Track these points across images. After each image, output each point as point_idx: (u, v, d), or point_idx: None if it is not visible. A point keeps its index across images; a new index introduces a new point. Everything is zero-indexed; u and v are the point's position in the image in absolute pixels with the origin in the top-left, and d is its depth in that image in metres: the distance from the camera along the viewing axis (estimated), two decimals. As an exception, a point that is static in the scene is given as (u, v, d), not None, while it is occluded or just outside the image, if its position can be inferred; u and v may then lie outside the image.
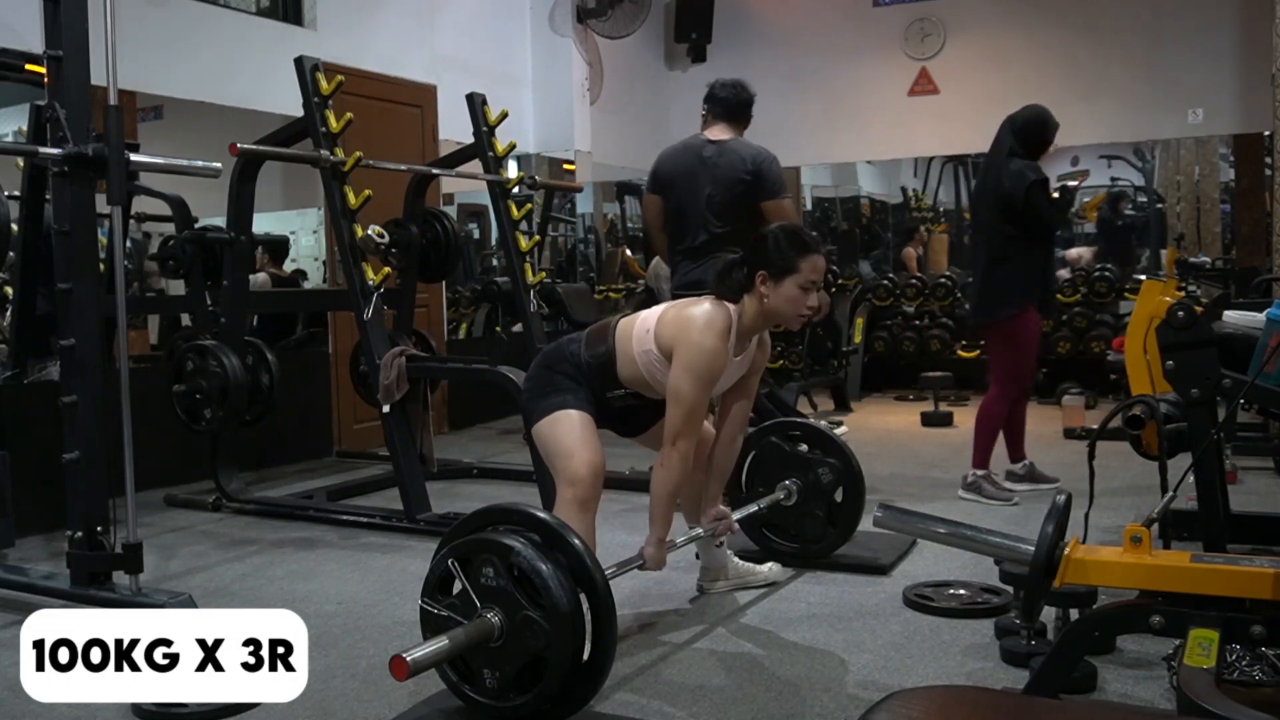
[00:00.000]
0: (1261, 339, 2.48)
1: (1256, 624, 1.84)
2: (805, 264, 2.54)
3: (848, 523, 3.25)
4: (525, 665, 2.02)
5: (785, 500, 3.23)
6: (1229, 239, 7.95)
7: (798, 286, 2.54)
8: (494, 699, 2.06)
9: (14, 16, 4.29)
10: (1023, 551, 2.10)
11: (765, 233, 2.62)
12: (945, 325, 7.70)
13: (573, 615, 1.98)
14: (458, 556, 2.07)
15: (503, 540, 2.04)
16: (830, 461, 3.24)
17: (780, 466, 3.27)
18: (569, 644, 1.98)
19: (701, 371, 2.49)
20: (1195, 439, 2.56)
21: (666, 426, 2.52)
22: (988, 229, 4.24)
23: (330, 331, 5.83)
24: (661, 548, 2.60)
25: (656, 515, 2.58)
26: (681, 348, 2.50)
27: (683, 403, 2.49)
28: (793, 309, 2.56)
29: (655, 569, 2.61)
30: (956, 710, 1.07)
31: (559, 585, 1.98)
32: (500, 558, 2.03)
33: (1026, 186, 4.03)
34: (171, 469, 4.66)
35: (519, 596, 2.00)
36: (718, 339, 2.50)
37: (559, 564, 2.02)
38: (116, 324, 2.90)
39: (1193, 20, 7.23)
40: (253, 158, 4.13)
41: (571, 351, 2.66)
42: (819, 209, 9.74)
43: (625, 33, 7.60)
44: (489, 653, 2.03)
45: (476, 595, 2.03)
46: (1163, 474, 2.37)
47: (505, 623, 2.00)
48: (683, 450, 2.50)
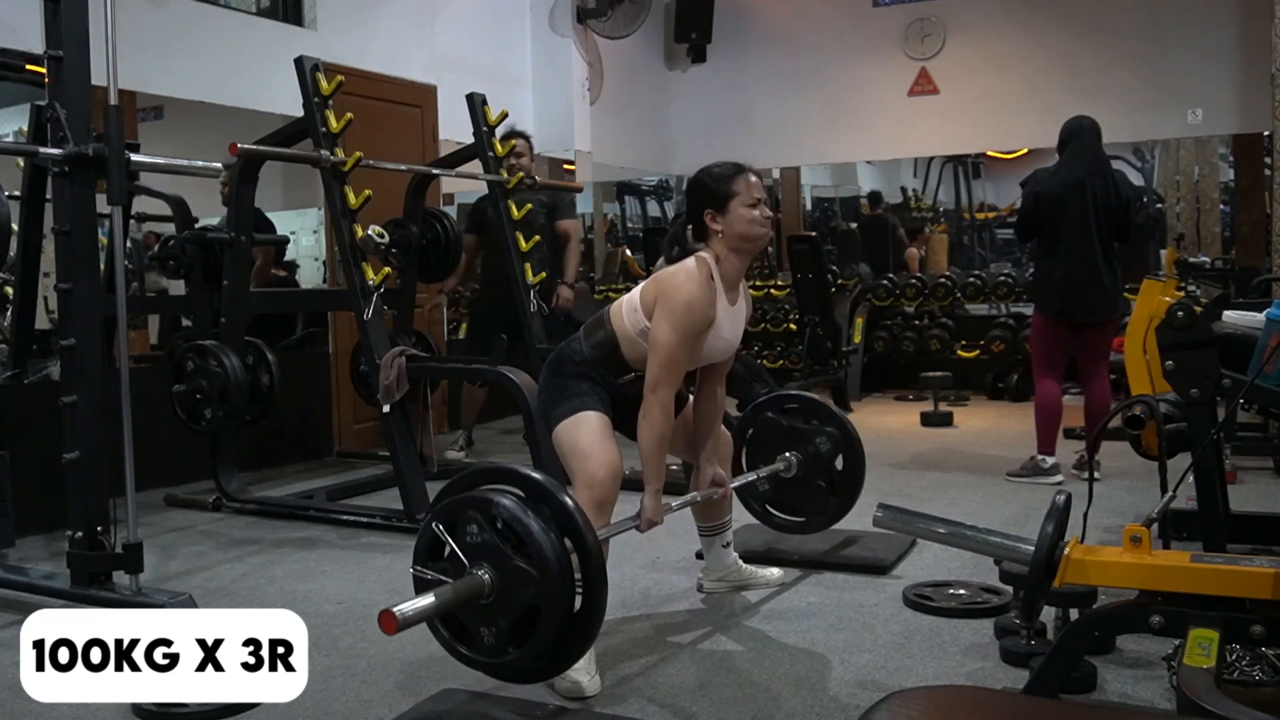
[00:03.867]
0: (1261, 339, 2.48)
1: (1256, 624, 1.84)
2: (739, 184, 2.59)
3: (849, 491, 3.24)
4: (519, 619, 2.00)
5: (785, 472, 3.21)
6: (1229, 239, 7.96)
7: (744, 206, 2.57)
8: (491, 656, 2.05)
9: (14, 16, 4.30)
10: (1023, 551, 2.10)
11: (695, 176, 2.65)
12: (945, 325, 7.71)
13: (560, 562, 1.97)
14: (442, 519, 2.06)
15: (483, 495, 2.04)
16: (828, 430, 3.22)
17: (778, 441, 3.25)
18: (559, 591, 1.96)
19: (679, 318, 2.48)
20: (1195, 439, 2.56)
21: (646, 377, 2.52)
22: (1096, 230, 4.38)
23: (330, 331, 5.83)
24: (657, 500, 2.57)
25: (648, 469, 2.56)
26: (661, 301, 2.51)
27: (659, 350, 2.48)
28: (751, 227, 2.59)
29: (653, 521, 2.56)
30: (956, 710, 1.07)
31: (544, 533, 1.97)
32: (483, 513, 2.02)
33: (1140, 196, 4.18)
34: (171, 469, 4.66)
35: (505, 549, 1.99)
36: (696, 286, 2.50)
37: (544, 515, 2.01)
38: (116, 324, 2.90)
39: (1193, 20, 7.23)
40: (253, 158, 4.13)
41: (574, 350, 2.67)
42: (819, 209, 9.74)
43: (625, 33, 7.60)
44: (482, 610, 2.02)
45: (464, 554, 2.01)
46: (1162, 474, 2.37)
47: (495, 577, 1.99)
48: (662, 400, 2.49)
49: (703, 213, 2.60)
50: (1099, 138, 4.49)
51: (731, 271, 2.62)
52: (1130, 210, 4.51)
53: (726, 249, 2.60)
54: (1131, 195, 4.54)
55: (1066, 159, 4.47)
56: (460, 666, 2.53)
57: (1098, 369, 4.51)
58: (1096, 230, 4.38)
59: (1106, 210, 4.38)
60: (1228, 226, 8.14)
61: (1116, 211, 4.41)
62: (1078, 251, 4.37)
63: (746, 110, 8.49)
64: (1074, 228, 4.38)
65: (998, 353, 7.40)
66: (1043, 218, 4.44)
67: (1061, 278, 4.40)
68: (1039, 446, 4.51)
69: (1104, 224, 4.39)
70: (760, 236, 2.63)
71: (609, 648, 2.62)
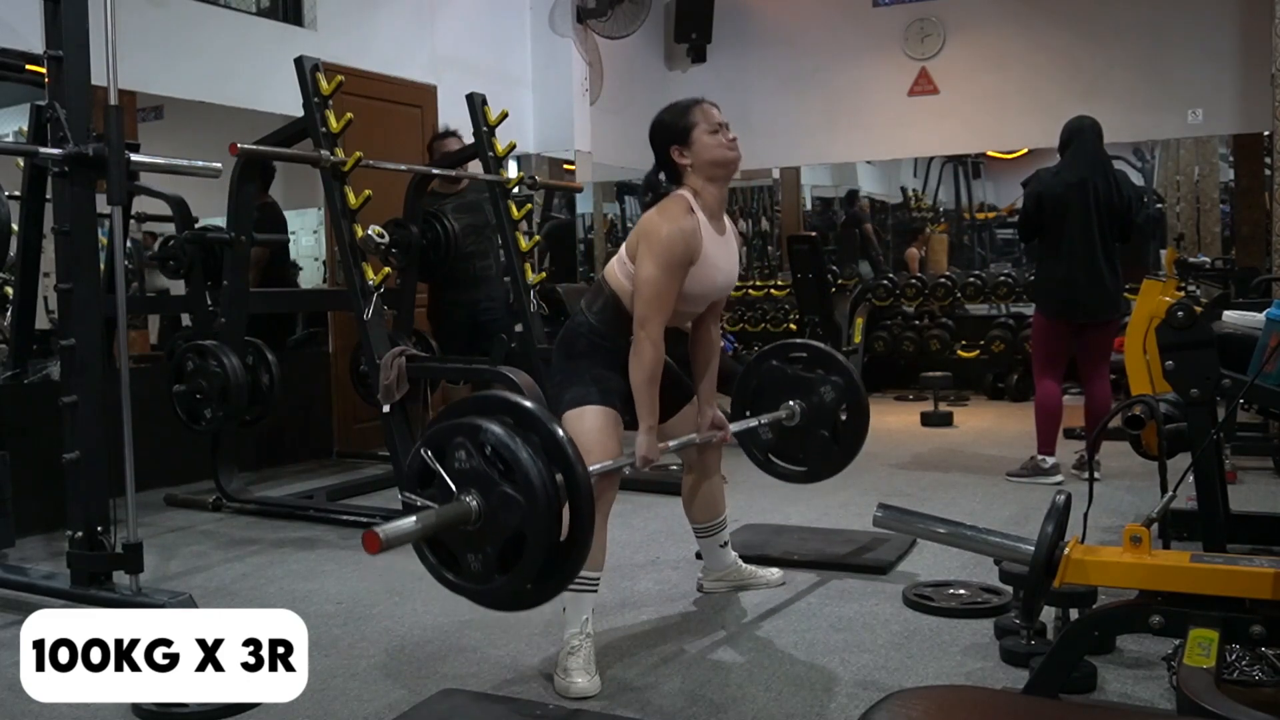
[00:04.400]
0: (1261, 339, 2.48)
1: (1256, 624, 1.84)
2: (698, 114, 2.60)
3: (852, 441, 3.23)
4: (505, 545, 1.98)
5: (788, 420, 3.20)
6: (1229, 239, 7.95)
7: (707, 134, 2.58)
8: (477, 582, 2.03)
9: (14, 16, 4.29)
10: (1023, 551, 2.11)
11: (653, 121, 2.67)
12: (945, 325, 7.71)
13: (546, 488, 1.95)
14: (432, 445, 2.04)
15: (473, 422, 2.02)
16: (833, 379, 3.20)
17: (783, 389, 3.23)
18: (546, 519, 1.95)
19: (660, 251, 2.48)
20: (1195, 439, 2.56)
21: (635, 315, 2.51)
22: (1098, 231, 4.39)
23: (330, 331, 5.83)
24: (651, 436, 2.54)
25: (640, 406, 2.53)
26: (643, 241, 2.51)
27: (644, 286, 2.48)
28: (719, 152, 2.59)
29: (648, 458, 2.54)
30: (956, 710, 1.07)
31: (531, 459, 1.96)
32: (471, 440, 2.00)
33: (1141, 196, 4.18)
34: (171, 469, 4.66)
35: (493, 474, 1.97)
36: (675, 219, 2.50)
37: (533, 443, 1.99)
38: (116, 324, 2.90)
39: (1193, 20, 7.23)
40: (253, 158, 4.13)
41: (580, 323, 2.65)
42: (819, 209, 9.74)
43: (625, 33, 7.60)
44: (469, 536, 2.00)
45: (453, 481, 1.99)
46: (1162, 474, 2.37)
47: (482, 503, 1.97)
48: (652, 335, 2.48)
49: (669, 150, 2.61)
50: (1100, 138, 4.49)
51: (711, 201, 2.62)
52: (1132, 210, 4.52)
53: (701, 180, 2.60)
54: (1133, 195, 4.55)
55: (1068, 159, 4.47)
56: (460, 668, 2.54)
57: (1098, 369, 4.51)
58: (1098, 230, 4.38)
59: (1108, 210, 4.39)
60: (1228, 226, 8.13)
61: (1118, 212, 4.42)
62: (1079, 252, 4.37)
63: (746, 110, 8.47)
64: (1076, 228, 4.38)
65: (998, 353, 7.40)
66: (1045, 218, 4.45)
67: (1063, 278, 4.41)
68: (1039, 446, 4.51)
69: (1105, 224, 4.40)
70: (731, 160, 2.62)
71: (609, 648, 2.62)
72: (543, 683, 2.43)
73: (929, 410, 6.40)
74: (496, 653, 2.64)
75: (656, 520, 3.89)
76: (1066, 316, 4.45)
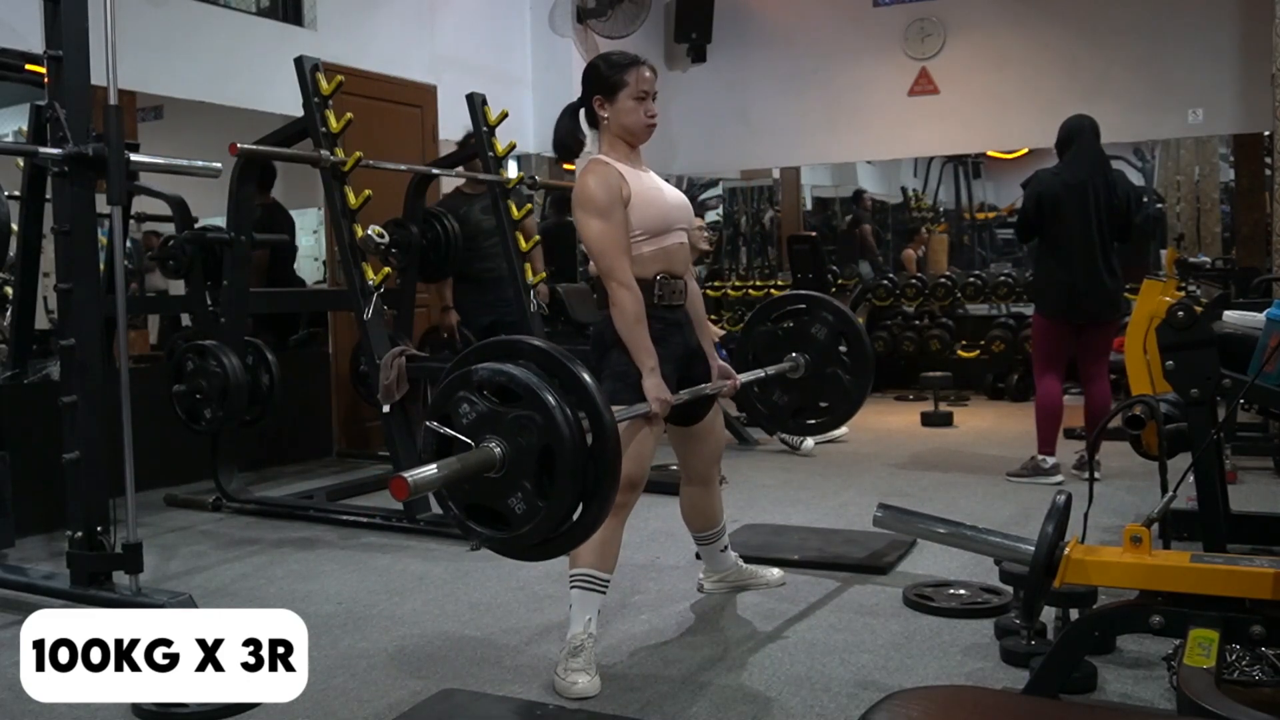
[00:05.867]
0: (1261, 339, 2.48)
1: (1256, 624, 1.84)
2: (631, 75, 2.60)
3: (863, 365, 3.21)
4: (537, 471, 1.94)
5: (793, 372, 3.18)
6: (1229, 239, 7.95)
7: (631, 99, 2.59)
8: (529, 521, 1.97)
9: (14, 16, 4.29)
10: (1023, 551, 2.11)
11: (591, 61, 2.67)
12: (945, 325, 7.71)
13: (554, 395, 1.93)
14: (436, 416, 2.02)
15: (460, 372, 2.01)
16: (822, 315, 3.19)
17: (779, 348, 3.22)
18: (564, 425, 1.91)
19: (589, 203, 2.49)
20: (1195, 439, 2.56)
21: (598, 271, 2.53)
22: (1098, 231, 4.39)
23: (330, 331, 5.83)
24: (655, 375, 2.50)
25: (635, 349, 2.50)
26: (577, 206, 2.54)
27: (592, 241, 2.50)
28: (635, 120, 2.60)
29: (662, 400, 2.49)
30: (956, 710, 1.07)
31: (527, 375, 1.95)
32: (466, 387, 1.98)
33: (1140, 196, 4.18)
34: (171, 469, 4.66)
35: (499, 408, 1.95)
36: (592, 173, 2.52)
37: (525, 366, 1.99)
38: (116, 324, 2.90)
39: (1193, 20, 7.22)
40: (253, 158, 4.13)
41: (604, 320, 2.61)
42: (819, 209, 9.74)
43: (625, 33, 7.60)
44: (501, 483, 1.96)
45: (466, 434, 1.96)
46: (1163, 474, 2.37)
47: (501, 444, 1.94)
48: (621, 279, 2.47)
49: (593, 98, 2.63)
50: (1099, 138, 4.49)
51: (624, 155, 2.63)
52: (1131, 210, 4.52)
53: (613, 136, 2.63)
54: (1132, 195, 4.55)
55: (1068, 160, 4.47)
56: (460, 668, 2.54)
57: (1098, 369, 4.51)
58: (1098, 231, 4.38)
59: (1108, 211, 4.39)
60: (1228, 226, 8.13)
61: (1117, 212, 4.42)
62: (1079, 252, 4.37)
63: (746, 110, 8.49)
64: (1075, 228, 4.38)
65: (998, 353, 7.40)
66: (1044, 218, 4.44)
67: (1062, 278, 4.40)
68: (1039, 446, 4.51)
69: (1105, 224, 4.40)
70: (642, 132, 2.63)
71: (609, 648, 2.63)
72: (543, 683, 2.43)
73: (929, 410, 6.39)
74: (496, 653, 2.64)
75: (656, 520, 3.89)
76: (1066, 317, 4.44)
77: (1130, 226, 4.56)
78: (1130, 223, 4.55)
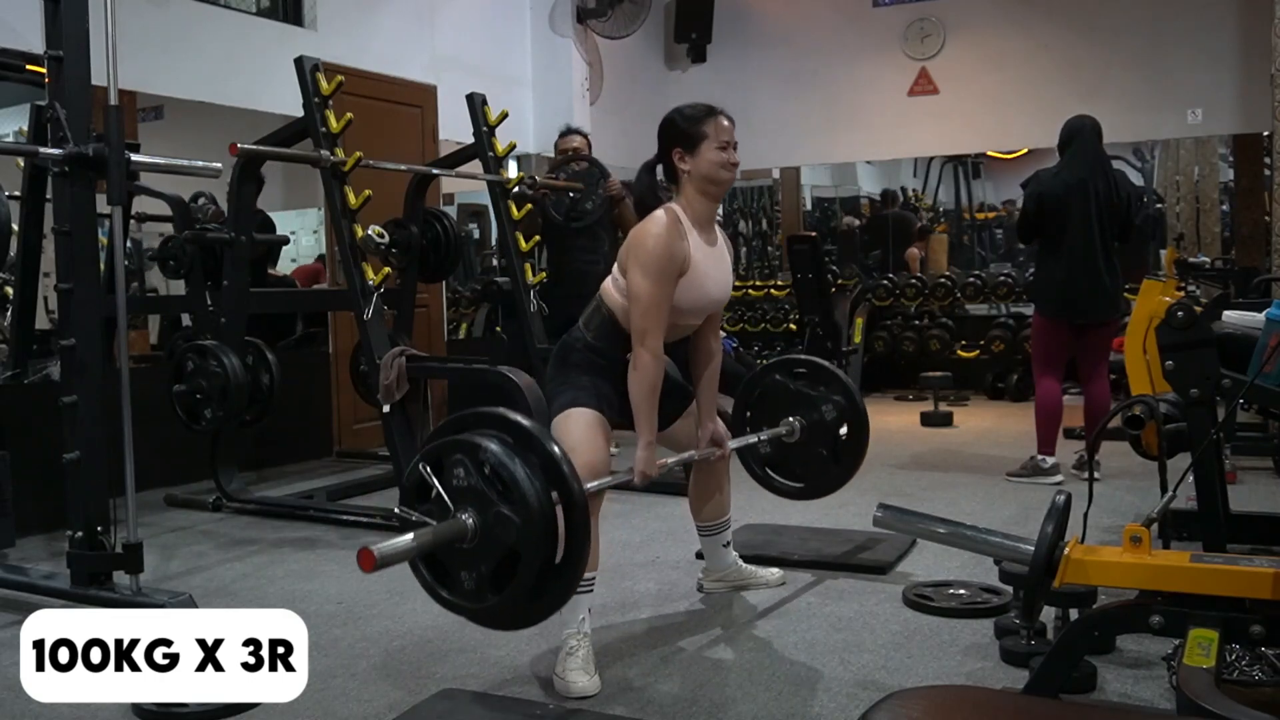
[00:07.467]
0: (1261, 339, 2.48)
1: (1256, 624, 1.84)
2: (711, 127, 2.59)
3: (851, 461, 3.23)
4: (499, 564, 1.98)
5: (788, 437, 3.20)
6: (1229, 239, 7.95)
7: (714, 149, 2.58)
8: (471, 600, 2.03)
9: (14, 16, 4.29)
10: (1023, 551, 2.10)
11: (667, 116, 2.66)
12: (945, 325, 7.71)
13: (543, 509, 1.95)
14: (430, 460, 2.04)
15: (472, 439, 2.02)
16: (835, 398, 3.20)
17: (784, 404, 3.23)
18: (540, 538, 1.94)
19: (650, 262, 2.48)
20: (1195, 439, 2.56)
21: (632, 329, 2.51)
22: (1098, 231, 4.38)
23: (330, 331, 5.83)
24: (650, 451, 2.54)
25: (640, 420, 2.53)
26: (632, 254, 2.52)
27: (639, 299, 2.48)
28: (718, 170, 2.59)
29: (646, 474, 2.54)
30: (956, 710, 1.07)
31: (528, 480, 1.96)
32: (470, 457, 2.00)
33: (1141, 196, 4.18)
34: (171, 469, 4.65)
35: (490, 494, 1.97)
36: (663, 228, 2.50)
37: (530, 463, 2.00)
38: (116, 324, 2.90)
39: (1193, 20, 7.23)
40: (253, 158, 4.13)
41: (576, 338, 2.66)
42: (819, 209, 9.74)
43: (625, 33, 7.60)
44: (464, 554, 1.99)
45: (450, 497, 2.00)
46: (1162, 474, 2.37)
47: (478, 521, 1.97)
48: (651, 348, 2.48)
49: (672, 151, 2.61)
50: (1100, 138, 4.49)
51: (701, 213, 2.62)
52: (1131, 210, 4.52)
53: (694, 190, 2.61)
54: (1132, 195, 4.55)
55: (1068, 159, 4.47)
56: (460, 668, 2.54)
57: (1098, 369, 4.51)
58: (1097, 231, 4.38)
59: (1108, 211, 4.39)
60: (1228, 226, 8.14)
61: (1118, 212, 4.42)
62: (1079, 252, 4.37)
63: (746, 110, 8.42)
64: (1076, 228, 4.38)
65: (998, 353, 7.41)
66: (1045, 218, 4.44)
67: (1062, 278, 4.40)
68: (1039, 446, 4.51)
69: (1105, 224, 4.40)
70: (726, 180, 2.64)
71: (609, 648, 2.62)
72: (542, 683, 2.43)
73: (929, 410, 6.40)
74: (496, 653, 2.64)
75: (656, 520, 3.89)
76: (1066, 317, 4.44)
77: (1130, 226, 4.56)
78: (1130, 223, 4.54)
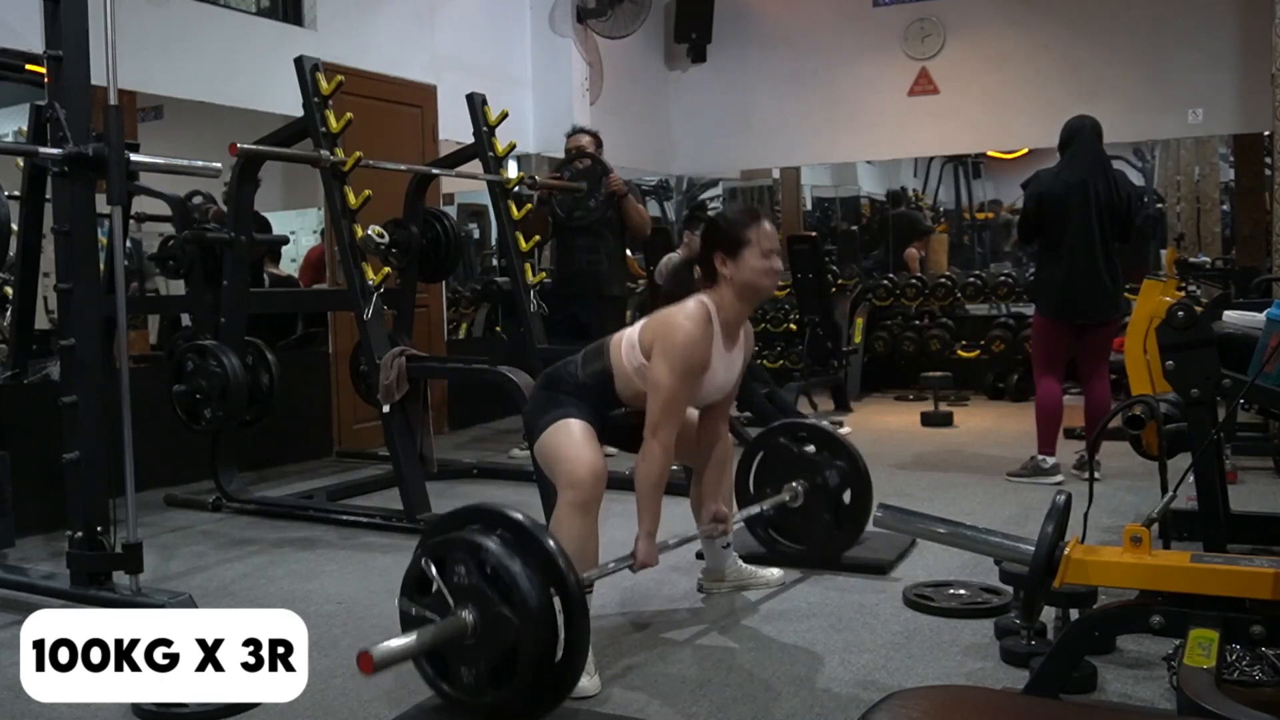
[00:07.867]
0: (1261, 339, 2.48)
1: (1256, 624, 1.84)
2: (754, 233, 2.58)
3: (854, 525, 3.24)
4: (499, 662, 2.03)
5: (791, 502, 3.22)
6: (1229, 239, 7.95)
7: (758, 256, 2.57)
8: (470, 695, 2.07)
9: (14, 16, 4.29)
10: (1023, 551, 2.11)
11: (710, 218, 2.67)
12: (945, 325, 7.71)
13: (542, 611, 2.00)
14: (433, 556, 2.09)
15: (473, 539, 2.07)
16: (838, 464, 3.22)
17: (787, 468, 3.26)
18: (539, 639, 2.00)
19: (676, 358, 2.48)
20: (1195, 439, 2.56)
21: (646, 418, 2.51)
22: (1098, 231, 4.38)
23: (330, 331, 5.83)
24: (651, 542, 2.56)
25: (643, 510, 2.55)
26: (659, 342, 2.51)
27: (660, 391, 2.48)
28: (760, 279, 2.59)
29: (646, 564, 2.57)
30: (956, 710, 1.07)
31: (528, 581, 2.00)
32: (471, 556, 2.05)
33: (1141, 196, 4.19)
34: (171, 469, 4.65)
35: (490, 594, 2.01)
36: (695, 326, 2.50)
37: (529, 562, 2.04)
38: (116, 324, 2.90)
39: (1193, 20, 7.23)
40: (253, 158, 4.13)
41: (569, 373, 2.67)
42: (819, 209, 9.74)
43: (625, 33, 7.60)
44: (464, 650, 2.05)
45: (450, 594, 2.05)
46: (1163, 474, 2.37)
47: (478, 620, 2.02)
48: (663, 441, 2.49)
49: (714, 255, 2.60)
50: (1100, 138, 4.49)
51: (732, 317, 2.63)
52: (1131, 210, 4.52)
53: (732, 294, 2.60)
54: (1132, 195, 4.55)
55: (1068, 159, 4.47)
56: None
57: (1098, 369, 4.51)
58: (1098, 231, 4.38)
59: (1108, 211, 4.39)
60: (1228, 226, 8.14)
61: (1118, 212, 4.42)
62: (1079, 252, 4.37)
63: (746, 110, 8.49)
64: (1076, 228, 4.38)
65: (998, 353, 7.40)
66: (1045, 218, 4.44)
67: (1063, 278, 4.40)
68: (1039, 446, 4.51)
69: (1106, 224, 4.40)
70: (767, 289, 2.64)
71: (609, 648, 2.62)
72: (543, 683, 2.43)
73: (929, 410, 6.39)
74: (496, 653, 2.64)
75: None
76: (1066, 317, 4.44)
77: (1131, 226, 4.55)
78: (1130, 223, 4.54)
